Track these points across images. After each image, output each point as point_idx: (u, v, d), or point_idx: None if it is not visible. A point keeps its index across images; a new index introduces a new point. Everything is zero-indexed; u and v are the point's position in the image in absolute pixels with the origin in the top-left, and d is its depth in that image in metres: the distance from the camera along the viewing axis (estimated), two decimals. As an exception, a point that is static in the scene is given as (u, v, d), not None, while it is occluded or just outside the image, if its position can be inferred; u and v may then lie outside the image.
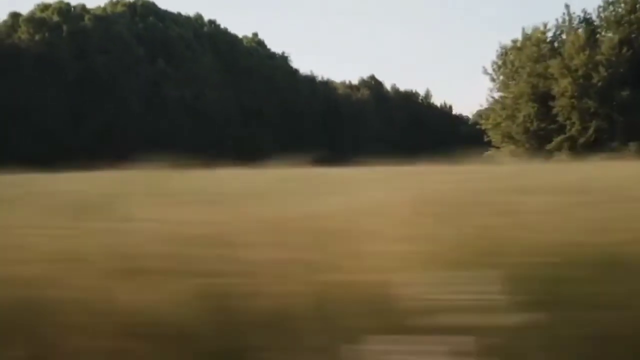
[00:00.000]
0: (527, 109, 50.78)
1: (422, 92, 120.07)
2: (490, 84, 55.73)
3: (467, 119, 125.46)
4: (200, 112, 76.31)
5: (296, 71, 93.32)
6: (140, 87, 73.46)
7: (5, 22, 74.88)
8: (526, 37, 52.82)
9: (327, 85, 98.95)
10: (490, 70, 54.96)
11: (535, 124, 50.62)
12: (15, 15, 74.98)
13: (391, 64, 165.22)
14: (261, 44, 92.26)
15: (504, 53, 54.22)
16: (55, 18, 73.68)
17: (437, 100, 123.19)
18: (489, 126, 54.24)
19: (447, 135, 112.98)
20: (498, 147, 53.69)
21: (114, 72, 72.22)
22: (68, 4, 76.45)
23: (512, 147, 51.80)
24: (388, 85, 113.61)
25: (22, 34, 72.74)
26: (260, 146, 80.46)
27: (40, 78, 69.89)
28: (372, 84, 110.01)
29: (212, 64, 79.40)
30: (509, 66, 53.29)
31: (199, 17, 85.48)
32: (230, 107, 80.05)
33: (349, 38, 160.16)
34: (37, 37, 72.16)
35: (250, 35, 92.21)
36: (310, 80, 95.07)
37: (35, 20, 73.04)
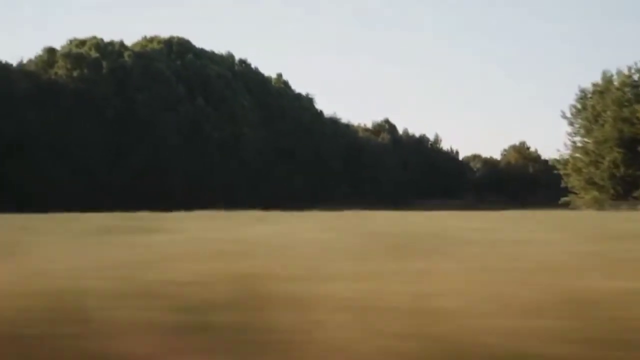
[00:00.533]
0: (613, 154, 50.02)
1: (431, 137, 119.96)
2: (569, 129, 54.64)
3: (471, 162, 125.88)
4: (239, 152, 74.85)
5: (321, 113, 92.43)
6: (180, 125, 71.82)
7: (40, 57, 72.94)
8: (608, 81, 52.32)
9: (348, 127, 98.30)
10: (568, 114, 54.10)
11: (622, 169, 49.88)
12: (50, 51, 73.10)
13: (401, 107, 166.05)
14: (286, 84, 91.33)
15: (583, 97, 53.53)
16: (94, 54, 71.91)
17: (444, 145, 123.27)
18: (569, 172, 53.29)
19: (455, 179, 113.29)
20: (576, 194, 52.87)
21: (154, 109, 70.56)
22: (102, 40, 74.80)
23: (595, 193, 50.88)
24: (400, 129, 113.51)
25: (59, 69, 70.86)
26: (294, 187, 79.34)
27: (80, 114, 68.03)
28: (387, 128, 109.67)
29: (249, 104, 78.14)
30: (590, 110, 52.53)
31: (230, 56, 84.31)
32: (265, 147, 78.72)
33: (357, 79, 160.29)
34: (75, 73, 70.34)
35: (274, 75, 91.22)
36: (334, 122, 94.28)
37: (73, 56, 71.20)
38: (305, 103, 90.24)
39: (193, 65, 75.93)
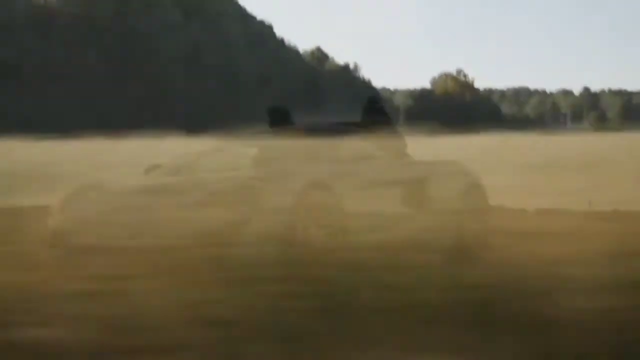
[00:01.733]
0: None
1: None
2: None
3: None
4: (234, 77, 73.25)
5: (282, 41, 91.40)
6: (178, 52, 69.40)
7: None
8: None
9: (300, 55, 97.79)
10: None
11: None
12: (38, -26, 68.13)
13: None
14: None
15: None
16: (88, -24, 67.66)
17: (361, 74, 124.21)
18: None
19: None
20: None
21: (153, 35, 67.80)
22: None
23: None
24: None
25: (52, -8, 66.37)
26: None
27: (78, 39, 64.42)
28: (319, 56, 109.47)
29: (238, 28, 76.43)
30: None
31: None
32: (251, 73, 77.22)
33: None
34: (70, -4, 66.17)
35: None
36: (294, 50, 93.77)
37: (67, -21, 66.75)
38: (270, 31, 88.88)
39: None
